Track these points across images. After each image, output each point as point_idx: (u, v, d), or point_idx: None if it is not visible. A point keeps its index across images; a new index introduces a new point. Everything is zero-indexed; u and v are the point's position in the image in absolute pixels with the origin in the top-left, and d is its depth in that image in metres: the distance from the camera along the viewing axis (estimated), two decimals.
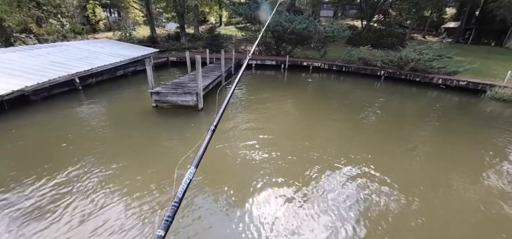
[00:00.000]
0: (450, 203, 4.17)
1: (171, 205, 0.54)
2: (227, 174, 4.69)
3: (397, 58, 13.77)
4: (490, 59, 16.26)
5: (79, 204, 3.75)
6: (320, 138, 6.52)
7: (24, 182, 4.15)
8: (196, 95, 7.48)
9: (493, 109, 9.59)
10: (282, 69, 16.51)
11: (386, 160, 5.44)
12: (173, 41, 21.61)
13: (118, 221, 3.47)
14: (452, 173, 5.06)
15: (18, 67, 8.18)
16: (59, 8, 19.95)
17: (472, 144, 6.58)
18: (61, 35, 17.79)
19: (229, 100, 0.95)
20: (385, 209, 3.91)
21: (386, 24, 24.56)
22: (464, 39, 27.34)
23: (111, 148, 5.50)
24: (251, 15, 16.76)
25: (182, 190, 0.58)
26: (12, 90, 6.68)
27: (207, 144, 0.71)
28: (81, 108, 7.88)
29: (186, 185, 0.60)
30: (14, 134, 5.95)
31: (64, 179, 4.29)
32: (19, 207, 3.63)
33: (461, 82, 11.76)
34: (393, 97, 11.22)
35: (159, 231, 0.50)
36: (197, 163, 0.65)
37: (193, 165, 0.64)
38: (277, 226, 3.49)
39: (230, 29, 28.03)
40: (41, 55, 9.81)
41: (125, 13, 28.88)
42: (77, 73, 8.98)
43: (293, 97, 10.29)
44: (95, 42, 14.58)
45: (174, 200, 0.54)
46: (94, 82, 10.66)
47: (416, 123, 8.14)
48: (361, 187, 4.42)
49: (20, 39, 15.17)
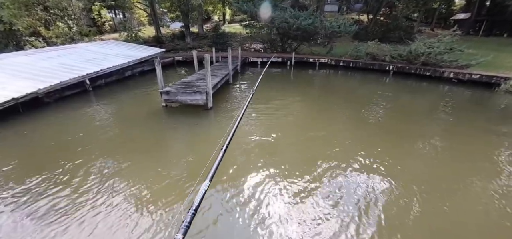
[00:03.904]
0: (465, 203, 4.07)
1: (189, 213, 0.60)
2: (230, 171, 4.68)
3: (407, 52, 13.49)
4: (503, 52, 15.78)
5: (93, 205, 3.79)
6: (328, 135, 6.45)
7: (37, 182, 4.23)
8: (206, 95, 7.48)
9: (508, 103, 9.32)
10: (288, 66, 16.39)
11: (397, 157, 5.34)
12: (179, 41, 21.66)
13: (131, 222, 3.49)
14: (468, 170, 4.94)
15: (30, 70, 8.31)
16: (66, 11, 20.22)
17: (487, 139, 6.40)
18: (69, 37, 18.03)
19: (241, 117, 1.03)
20: (396, 206, 3.85)
21: (393, 18, 24.09)
22: (474, 31, 26.62)
23: (124, 149, 5.55)
24: (255, 12, 16.65)
25: (198, 199, 0.65)
26: (26, 93, 6.79)
27: (219, 161, 0.81)
28: (93, 110, 7.98)
29: (201, 196, 0.67)
30: (27, 136, 6.07)
31: (79, 179, 4.34)
32: (33, 207, 3.70)
33: (474, 75, 11.45)
34: (403, 92, 11.02)
35: (178, 235, 0.55)
36: (211, 177, 0.73)
37: (208, 179, 0.72)
38: (288, 224, 3.46)
39: (234, 27, 27.95)
40: (52, 58, 9.95)
41: (129, 14, 29.09)
42: (88, 75, 9.08)
43: (299, 94, 10.20)
44: (103, 44, 14.71)
45: (192, 208, 0.61)
46: (104, 83, 10.78)
47: (429, 118, 7.96)
48: (371, 184, 4.36)
49: (29, 43, 15.42)
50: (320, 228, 3.44)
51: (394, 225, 3.52)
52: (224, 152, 0.83)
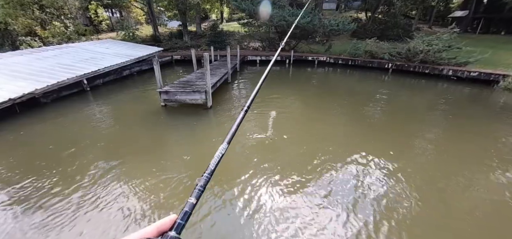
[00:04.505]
0: (464, 197, 4.08)
1: (204, 176, 0.56)
2: (230, 170, 4.65)
3: (405, 50, 13.51)
4: (501, 49, 15.84)
5: (91, 204, 3.75)
6: (327, 132, 6.44)
7: (34, 182, 4.17)
8: (205, 94, 7.43)
9: (507, 100, 9.36)
10: (287, 65, 16.36)
11: (396, 154, 5.34)
12: (176, 40, 21.50)
13: (128, 220, 3.46)
14: (467, 166, 4.95)
15: (27, 70, 8.20)
16: (62, 10, 20.01)
17: (486, 136, 6.42)
18: (66, 37, 17.84)
19: (264, 79, 0.98)
20: (394, 202, 3.85)
21: (391, 15, 24.08)
22: (472, 29, 26.72)
23: (123, 150, 5.49)
24: (254, 10, 16.56)
25: (214, 163, 0.60)
26: (23, 93, 6.70)
27: (240, 122, 0.73)
28: (91, 110, 7.90)
29: (218, 159, 0.60)
30: (23, 136, 6.00)
31: (77, 180, 4.29)
32: (29, 206, 3.65)
33: (472, 73, 11.49)
34: (402, 90, 11.04)
35: (191, 198, 0.51)
36: (230, 139, 0.67)
37: (226, 141, 0.66)
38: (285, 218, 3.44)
39: (232, 25, 27.82)
40: (48, 58, 9.83)
41: (126, 13, 28.86)
42: (85, 74, 8.98)
43: (298, 92, 10.18)
44: (100, 43, 14.57)
45: (207, 171, 0.57)
46: (101, 83, 10.68)
47: (428, 116, 7.97)
48: (370, 180, 4.35)
49: (25, 42, 15.24)
50: (318, 222, 3.42)
51: (393, 219, 3.51)
52: (245, 112, 0.77)
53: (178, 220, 0.47)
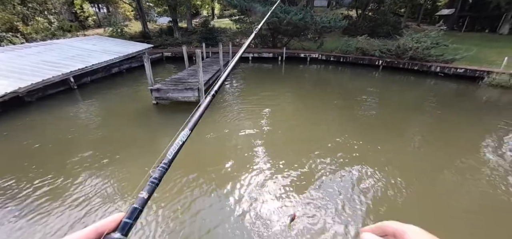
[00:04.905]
0: (452, 185, 4.22)
1: (160, 167, 0.48)
2: (222, 166, 4.61)
3: (395, 47, 13.77)
4: (486, 47, 16.41)
5: (78, 203, 3.62)
6: (319, 129, 6.49)
7: (19, 184, 3.99)
8: (198, 91, 7.32)
9: (491, 96, 9.72)
10: (279, 62, 16.36)
11: (386, 147, 5.45)
12: (167, 36, 21.04)
13: None
14: (453, 159, 5.11)
15: (9, 68, 7.81)
16: (45, 5, 19.16)
17: (472, 129, 6.66)
18: (50, 33, 17.13)
19: (230, 70, 0.88)
20: (384, 195, 3.95)
21: (381, 13, 24.48)
22: (458, 27, 27.54)
23: (112, 148, 5.33)
24: (246, 6, 16.43)
25: (173, 151, 0.52)
26: (5, 92, 6.38)
27: (206, 107, 0.66)
28: (78, 108, 7.63)
29: (178, 147, 0.54)
30: (6, 137, 5.72)
31: (62, 180, 4.14)
32: (12, 207, 3.49)
33: (459, 69, 11.87)
34: (392, 86, 11.26)
35: (143, 192, 0.45)
36: (192, 126, 0.62)
37: (188, 128, 0.61)
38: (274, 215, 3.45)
39: (223, 22, 27.52)
40: (32, 55, 9.40)
41: (114, 8, 27.96)
42: (72, 72, 8.65)
43: (290, 89, 10.21)
44: (87, 40, 14.08)
45: (163, 161, 0.49)
46: (89, 80, 10.32)
47: (416, 111, 8.19)
48: (359, 175, 4.42)
49: (6, 39, 14.51)
50: (310, 215, 3.44)
51: (382, 212, 3.58)
52: (212, 97, 0.69)
53: (124, 218, 0.41)
